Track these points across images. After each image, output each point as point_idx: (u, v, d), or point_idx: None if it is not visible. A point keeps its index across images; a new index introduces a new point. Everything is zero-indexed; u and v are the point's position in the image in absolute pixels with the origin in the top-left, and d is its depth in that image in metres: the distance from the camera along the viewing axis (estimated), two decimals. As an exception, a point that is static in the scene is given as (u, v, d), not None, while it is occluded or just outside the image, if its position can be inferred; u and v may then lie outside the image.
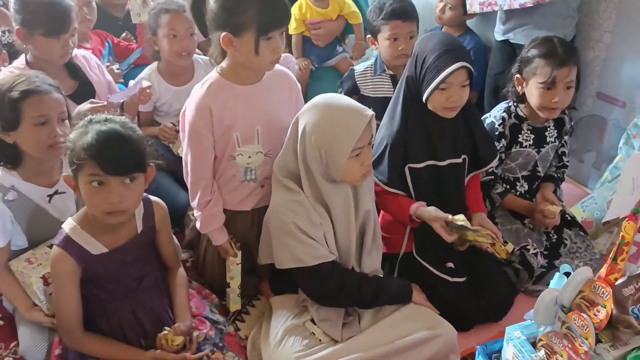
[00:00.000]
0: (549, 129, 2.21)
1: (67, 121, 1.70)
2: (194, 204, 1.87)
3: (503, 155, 2.19)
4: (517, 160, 2.21)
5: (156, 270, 1.68)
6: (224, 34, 1.67)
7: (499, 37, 2.69)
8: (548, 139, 2.21)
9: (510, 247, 1.86)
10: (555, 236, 2.17)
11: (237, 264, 1.90)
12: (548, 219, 2.09)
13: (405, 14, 2.31)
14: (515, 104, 2.20)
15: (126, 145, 1.42)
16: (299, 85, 1.96)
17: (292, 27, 2.95)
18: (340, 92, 2.58)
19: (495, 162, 2.05)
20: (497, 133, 2.15)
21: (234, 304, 1.96)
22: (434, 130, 1.91)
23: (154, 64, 2.46)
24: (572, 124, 2.28)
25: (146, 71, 2.45)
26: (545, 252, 2.09)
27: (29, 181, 1.70)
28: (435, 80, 1.79)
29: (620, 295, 1.24)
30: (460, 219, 1.79)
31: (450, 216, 1.80)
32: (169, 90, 2.42)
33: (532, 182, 2.27)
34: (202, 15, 1.74)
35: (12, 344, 1.79)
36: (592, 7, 2.52)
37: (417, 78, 1.86)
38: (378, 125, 2.26)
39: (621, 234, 1.25)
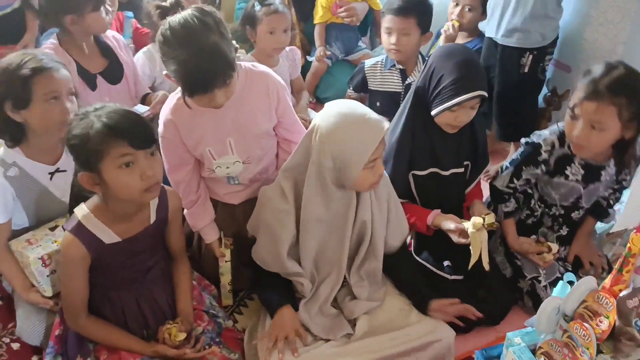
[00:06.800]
0: (607, 168, 1.89)
1: (74, 97, 1.69)
2: (182, 202, 1.84)
3: (532, 179, 1.97)
4: (559, 190, 1.97)
5: (162, 262, 1.66)
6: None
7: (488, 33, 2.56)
8: (602, 178, 1.91)
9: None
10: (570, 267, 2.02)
11: (226, 261, 1.89)
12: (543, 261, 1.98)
13: (399, 9, 2.30)
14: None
15: (141, 119, 1.43)
16: (281, 82, 1.82)
17: (318, 15, 3.04)
18: (349, 88, 2.58)
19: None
20: (539, 158, 1.90)
21: (226, 299, 1.96)
22: (438, 141, 1.89)
23: None
24: None
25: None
26: (559, 276, 1.95)
27: (31, 158, 1.69)
28: (448, 103, 1.77)
29: (624, 307, 1.23)
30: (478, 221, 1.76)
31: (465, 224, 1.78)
32: None
33: (571, 210, 2.02)
34: None
35: (10, 325, 1.80)
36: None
37: (428, 91, 1.83)
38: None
39: (628, 245, 1.24)
